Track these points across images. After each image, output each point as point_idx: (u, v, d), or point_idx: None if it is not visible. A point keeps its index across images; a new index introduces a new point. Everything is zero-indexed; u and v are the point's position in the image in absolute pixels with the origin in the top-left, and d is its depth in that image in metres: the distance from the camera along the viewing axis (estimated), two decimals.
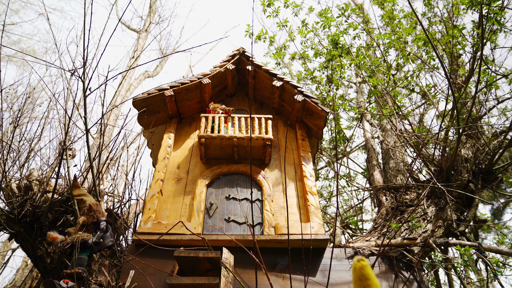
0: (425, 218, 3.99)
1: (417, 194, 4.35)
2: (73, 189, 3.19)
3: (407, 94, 6.49)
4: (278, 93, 4.50)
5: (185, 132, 4.45)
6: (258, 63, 4.71)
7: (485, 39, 5.09)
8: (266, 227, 3.37)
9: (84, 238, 2.81)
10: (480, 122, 5.77)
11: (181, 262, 2.74)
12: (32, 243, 3.87)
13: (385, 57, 5.50)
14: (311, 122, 4.34)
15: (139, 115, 4.23)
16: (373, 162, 5.27)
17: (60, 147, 3.80)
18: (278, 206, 3.63)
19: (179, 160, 4.08)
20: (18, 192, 3.93)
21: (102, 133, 4.00)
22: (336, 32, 5.39)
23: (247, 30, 6.48)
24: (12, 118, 4.13)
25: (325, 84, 6.60)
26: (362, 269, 1.34)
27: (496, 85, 5.15)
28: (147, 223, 3.31)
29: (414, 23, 5.85)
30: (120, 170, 5.71)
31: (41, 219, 3.87)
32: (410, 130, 5.00)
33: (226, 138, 3.84)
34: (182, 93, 4.37)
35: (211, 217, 3.49)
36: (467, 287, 4.15)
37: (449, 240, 3.32)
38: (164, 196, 3.68)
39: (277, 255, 3.26)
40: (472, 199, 4.36)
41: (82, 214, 3.01)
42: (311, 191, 3.63)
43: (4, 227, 3.71)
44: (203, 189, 3.67)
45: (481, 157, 4.66)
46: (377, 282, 1.34)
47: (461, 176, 4.36)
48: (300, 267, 3.12)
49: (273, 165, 4.07)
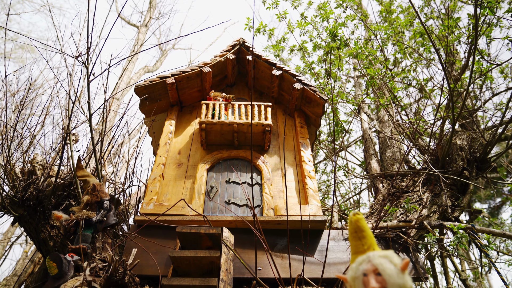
0: (421, 203, 4.09)
1: (413, 181, 4.44)
2: (77, 170, 3.26)
3: (404, 88, 6.59)
4: (277, 82, 4.58)
5: (186, 119, 4.52)
6: (257, 53, 4.79)
7: (481, 32, 5.20)
8: (266, 209, 3.46)
9: (88, 216, 2.88)
10: (476, 114, 5.88)
11: (183, 239, 2.82)
12: (36, 226, 3.94)
13: (382, 47, 5.60)
14: (310, 110, 4.43)
15: (141, 102, 4.31)
16: (370, 152, 5.37)
17: (63, 132, 3.86)
18: (277, 190, 3.72)
19: (180, 146, 4.16)
20: (22, 177, 4.00)
21: (104, 120, 4.07)
22: (334, 24, 5.47)
23: (247, 24, 6.56)
24: (16, 103, 4.20)
25: (324, 77, 6.69)
26: (357, 221, 1.43)
27: (491, 77, 5.25)
28: (149, 204, 3.38)
29: (411, 15, 5.95)
30: (121, 160, 5.78)
31: (44, 203, 3.94)
32: (407, 120, 5.09)
33: (227, 124, 3.92)
34: (183, 81, 4.44)
35: (211, 200, 3.57)
36: (459, 267, 4.24)
37: (444, 222, 3.41)
38: (165, 180, 3.76)
39: (276, 236, 3.35)
40: (467, 186, 4.45)
41: (86, 193, 3.09)
42: (309, 175, 3.72)
43: (9, 210, 3.78)
44: (203, 173, 3.75)
45: (476, 146, 4.76)
46: (371, 233, 1.42)
47: (456, 164, 4.45)
48: (298, 246, 3.20)
49: (272, 152, 4.16)
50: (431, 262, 5.84)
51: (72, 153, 3.74)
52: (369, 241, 1.39)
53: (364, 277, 1.31)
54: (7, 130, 3.65)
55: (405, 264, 1.27)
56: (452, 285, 4.87)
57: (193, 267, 2.63)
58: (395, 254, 1.35)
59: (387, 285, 1.26)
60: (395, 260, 1.30)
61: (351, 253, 1.43)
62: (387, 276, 1.25)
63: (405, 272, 1.27)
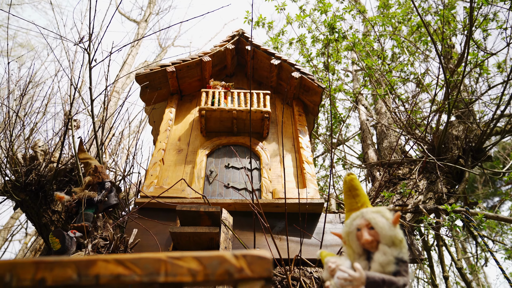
0: (417, 190, 4.16)
1: (409, 169, 4.51)
2: (79, 152, 3.32)
3: (402, 81, 6.67)
4: (276, 72, 4.65)
5: (186, 108, 4.58)
6: (257, 43, 4.86)
7: (477, 25, 5.27)
8: (264, 192, 3.52)
9: (90, 195, 2.94)
10: (472, 107, 5.95)
11: (183, 218, 2.88)
12: (37, 211, 3.99)
13: (379, 38, 5.67)
14: (308, 99, 4.50)
15: (142, 90, 4.36)
16: (367, 142, 5.44)
17: (65, 117, 3.92)
18: (275, 175, 3.78)
19: (180, 133, 4.21)
20: (24, 162, 4.05)
21: (105, 107, 4.13)
22: (333, 17, 5.55)
23: (246, 17, 6.62)
24: (19, 90, 4.25)
25: (322, 70, 6.76)
26: (351, 181, 1.49)
27: (486, 69, 5.32)
28: (150, 187, 3.44)
29: (408, 8, 6.02)
30: (122, 151, 5.84)
31: (45, 188, 3.99)
32: (403, 110, 5.16)
33: (226, 110, 3.99)
34: (183, 70, 4.50)
35: (211, 184, 3.63)
36: (455, 257, 4.30)
37: (439, 206, 3.48)
38: (165, 165, 3.81)
39: (274, 218, 3.41)
40: (462, 174, 4.53)
41: (88, 175, 3.14)
42: (307, 160, 3.78)
43: (11, 194, 3.83)
44: (203, 158, 3.81)
45: (472, 136, 4.84)
46: (364, 192, 1.49)
47: (452, 153, 4.53)
48: (296, 230, 3.26)
49: (271, 139, 4.22)
50: (428, 252, 5.91)
51: (73, 138, 3.80)
52: (362, 199, 1.46)
53: (358, 232, 1.37)
54: (9, 116, 3.70)
55: (397, 217, 1.33)
56: (447, 273, 4.94)
57: (193, 243, 2.69)
58: (387, 209, 1.42)
59: (379, 237, 1.32)
60: (387, 214, 1.37)
61: (346, 211, 1.49)
62: (379, 229, 1.32)
63: (397, 225, 1.34)
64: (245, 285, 0.94)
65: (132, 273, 0.95)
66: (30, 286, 0.93)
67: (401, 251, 1.30)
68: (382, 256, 1.28)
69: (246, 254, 0.95)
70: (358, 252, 1.37)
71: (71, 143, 3.80)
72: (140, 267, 0.96)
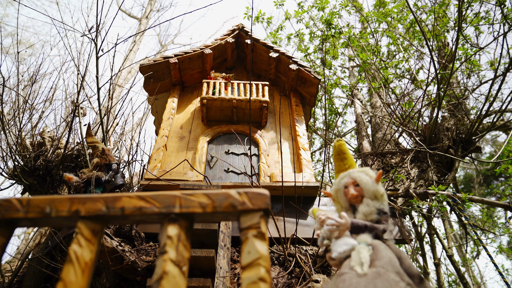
0: (408, 177, 4.35)
1: (401, 158, 4.70)
2: (86, 136, 3.49)
3: (396, 76, 6.87)
4: (274, 64, 4.83)
5: (187, 98, 4.76)
6: (256, 37, 5.04)
7: (470, 22, 5.47)
8: (262, 176, 3.71)
9: (98, 175, 3.11)
10: (464, 102, 6.15)
11: None
12: (44, 194, 4.15)
13: (373, 33, 5.87)
14: (305, 90, 4.68)
15: (145, 81, 4.54)
16: (362, 133, 5.63)
17: (72, 105, 4.08)
18: (273, 161, 3.96)
19: (182, 122, 4.39)
20: (32, 148, 4.22)
21: (110, 97, 4.30)
22: (330, 13, 5.74)
23: (246, 13, 6.81)
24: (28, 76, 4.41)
25: (319, 66, 6.95)
26: (340, 146, 1.68)
27: (476, 63, 5.53)
28: (153, 171, 3.62)
29: (402, 5, 6.23)
30: (126, 139, 5.99)
31: (53, 173, 4.16)
32: (397, 103, 5.36)
33: (226, 100, 4.17)
34: (185, 62, 4.68)
35: (211, 168, 3.81)
36: (446, 244, 4.49)
37: (428, 190, 3.67)
38: (168, 151, 3.99)
39: (272, 201, 3.59)
40: (452, 164, 4.72)
41: (95, 157, 3.31)
42: (303, 147, 3.97)
43: (20, 178, 4.00)
44: (204, 144, 3.99)
45: (462, 128, 5.04)
46: (351, 155, 1.68)
47: (442, 143, 4.72)
48: (292, 212, 3.45)
49: (269, 128, 4.40)
50: (421, 241, 6.11)
51: (80, 124, 3.97)
52: (349, 162, 1.65)
53: (345, 189, 1.56)
54: (18, 102, 3.87)
55: (379, 174, 1.52)
56: (438, 260, 5.13)
57: None
58: (370, 169, 1.61)
59: (364, 192, 1.51)
60: (370, 173, 1.56)
61: (335, 172, 1.68)
62: (364, 185, 1.51)
63: (379, 182, 1.53)
64: (246, 215, 1.12)
65: (152, 205, 1.13)
66: (66, 216, 1.11)
67: (382, 203, 1.48)
68: (366, 207, 1.46)
69: (248, 191, 1.13)
70: (345, 207, 1.56)
71: (77, 130, 3.97)
72: (159, 201, 1.13)
